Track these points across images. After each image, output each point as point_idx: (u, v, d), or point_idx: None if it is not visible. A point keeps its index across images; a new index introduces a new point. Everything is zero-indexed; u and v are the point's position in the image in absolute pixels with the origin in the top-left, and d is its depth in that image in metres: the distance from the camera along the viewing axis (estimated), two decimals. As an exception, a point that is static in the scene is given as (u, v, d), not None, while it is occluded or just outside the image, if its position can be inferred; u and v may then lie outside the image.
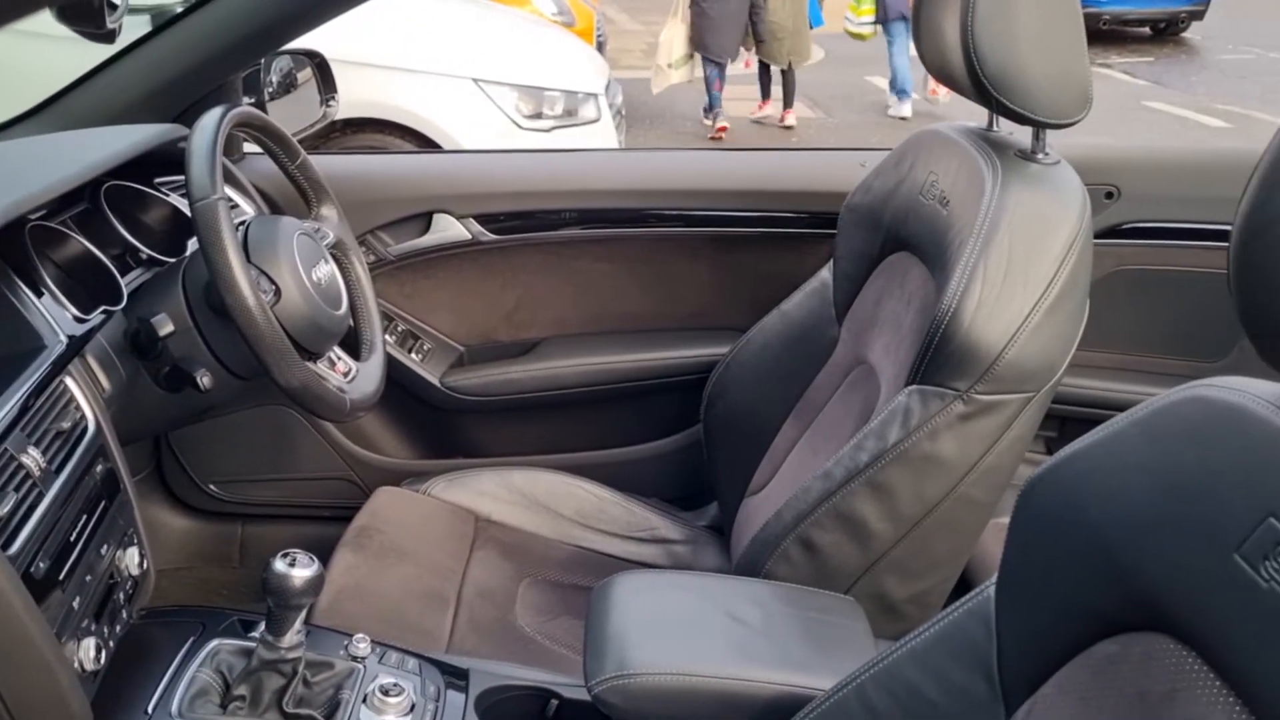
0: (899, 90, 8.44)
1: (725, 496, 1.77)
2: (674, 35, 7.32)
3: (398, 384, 1.89)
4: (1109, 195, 1.77)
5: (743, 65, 8.14)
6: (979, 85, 1.31)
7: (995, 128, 1.47)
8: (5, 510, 1.00)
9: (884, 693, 0.96)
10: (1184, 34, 13.18)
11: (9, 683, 0.95)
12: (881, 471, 1.26)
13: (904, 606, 1.35)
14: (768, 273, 1.88)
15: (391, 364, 1.85)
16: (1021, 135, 1.41)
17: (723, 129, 7.77)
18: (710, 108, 7.80)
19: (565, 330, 1.97)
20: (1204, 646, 0.72)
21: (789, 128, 8.07)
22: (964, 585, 1.37)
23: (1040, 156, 1.36)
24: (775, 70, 7.99)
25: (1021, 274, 1.23)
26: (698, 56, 7.49)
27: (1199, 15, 12.87)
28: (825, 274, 1.68)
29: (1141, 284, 1.82)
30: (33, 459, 1.08)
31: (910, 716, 0.94)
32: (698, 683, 1.08)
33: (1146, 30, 13.18)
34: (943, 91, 7.55)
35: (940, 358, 1.24)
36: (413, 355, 1.92)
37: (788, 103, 8.03)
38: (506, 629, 1.54)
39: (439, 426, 1.98)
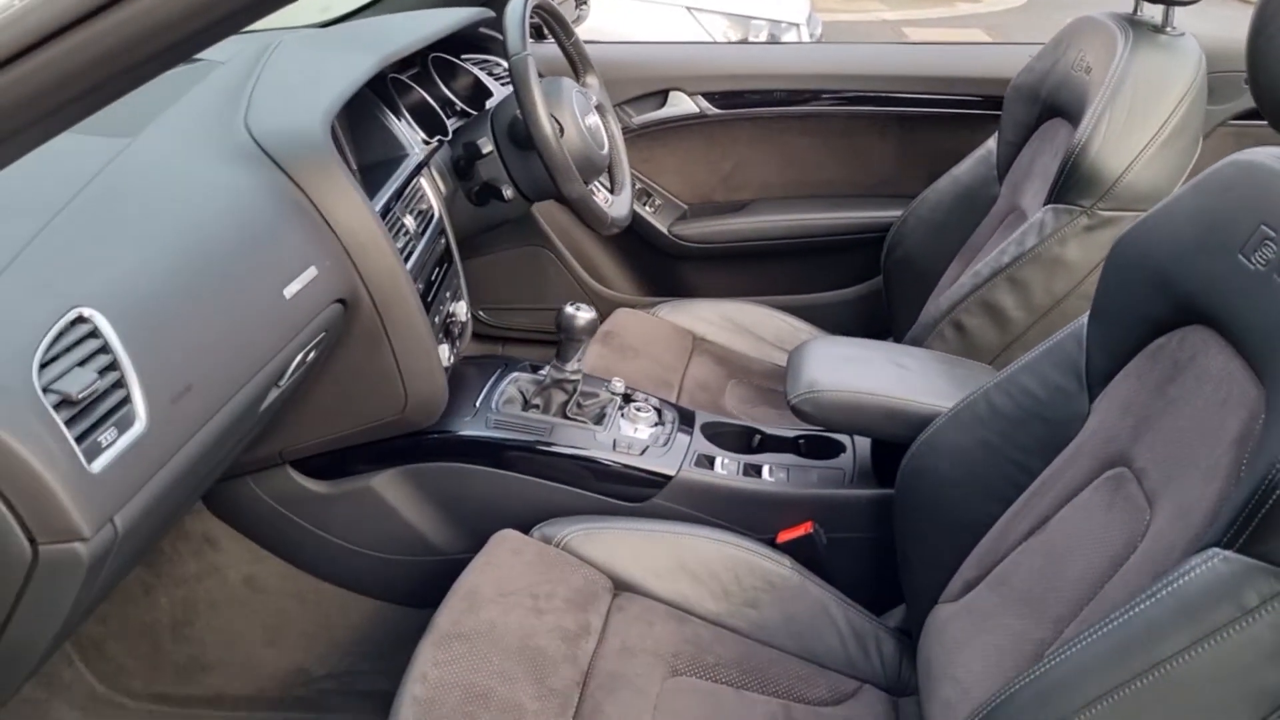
0: None
1: (900, 332, 2.15)
2: None
3: (632, 230, 2.34)
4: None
5: None
6: None
7: (1139, 13, 1.79)
8: (400, 244, 1.48)
9: (1003, 394, 1.34)
10: None
11: (406, 355, 1.43)
12: (1020, 269, 1.62)
13: None
14: (941, 148, 2.24)
15: (629, 216, 2.30)
16: (1157, 16, 1.72)
17: None
18: None
19: (771, 194, 2.38)
20: (1218, 322, 1.08)
21: None
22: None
23: (1168, 30, 1.68)
24: None
25: (1141, 115, 1.56)
26: None
27: None
28: (991, 143, 2.03)
29: None
30: (408, 222, 1.56)
31: (1020, 409, 1.32)
32: (868, 398, 1.48)
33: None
34: None
35: (1070, 181, 1.59)
36: (646, 208, 2.37)
37: None
38: (718, 410, 1.97)
39: (664, 268, 2.43)
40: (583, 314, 1.56)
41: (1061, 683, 0.89)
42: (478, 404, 1.61)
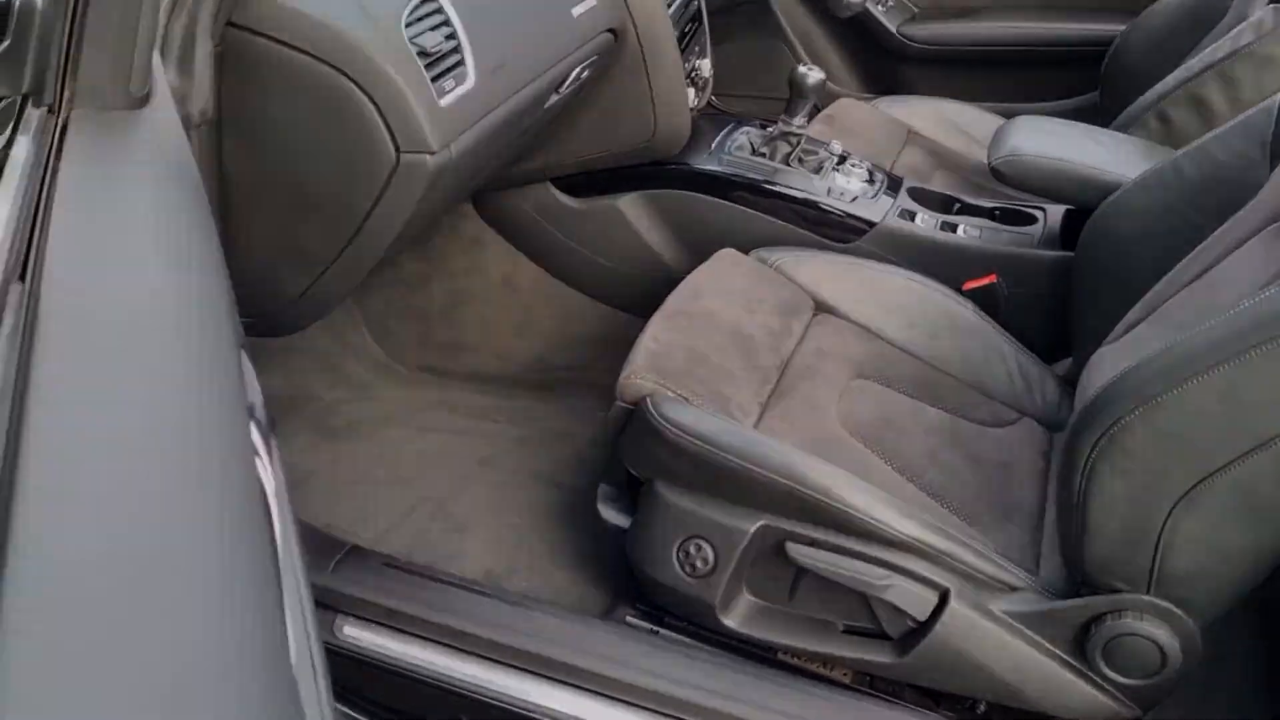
0: None
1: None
2: None
3: (862, 27, 2.49)
4: None
5: None
6: None
7: None
8: None
9: (1191, 161, 1.48)
10: None
11: (659, 88, 1.67)
12: (1232, 65, 1.72)
13: None
14: None
15: (861, 12, 2.44)
16: None
17: None
18: None
19: (1002, 2, 2.48)
20: None
21: None
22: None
23: None
24: None
25: None
26: None
27: None
28: (1230, -44, 2.08)
29: None
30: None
31: (1204, 175, 1.46)
32: (1063, 164, 1.64)
33: None
34: None
35: None
36: (878, 7, 2.51)
37: None
38: (924, 191, 2.14)
39: (887, 67, 2.58)
40: (813, 74, 1.76)
41: (1188, 353, 1.07)
42: (712, 147, 1.84)
